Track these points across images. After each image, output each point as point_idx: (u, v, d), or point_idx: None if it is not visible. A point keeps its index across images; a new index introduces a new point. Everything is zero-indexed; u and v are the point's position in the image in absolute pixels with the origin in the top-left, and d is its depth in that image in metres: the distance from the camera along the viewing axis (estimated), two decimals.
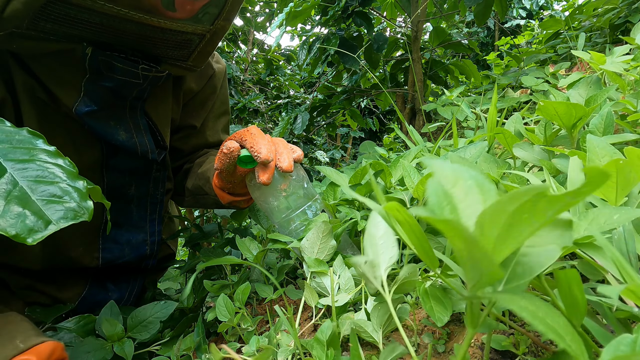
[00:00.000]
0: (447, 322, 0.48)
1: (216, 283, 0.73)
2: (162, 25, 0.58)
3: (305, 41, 1.90)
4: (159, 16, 0.57)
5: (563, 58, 1.30)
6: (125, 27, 0.58)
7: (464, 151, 0.58)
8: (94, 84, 0.64)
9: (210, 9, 0.61)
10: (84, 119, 0.65)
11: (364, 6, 1.65)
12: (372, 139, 3.38)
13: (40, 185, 0.34)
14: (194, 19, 0.61)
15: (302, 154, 0.63)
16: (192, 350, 0.62)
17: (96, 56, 0.60)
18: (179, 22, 0.60)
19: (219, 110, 0.92)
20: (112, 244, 0.81)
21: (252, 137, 0.60)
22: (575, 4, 1.77)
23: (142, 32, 0.59)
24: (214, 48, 0.69)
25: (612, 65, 0.72)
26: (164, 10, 0.57)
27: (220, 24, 0.64)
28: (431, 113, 1.50)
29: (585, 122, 0.58)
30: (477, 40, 4.08)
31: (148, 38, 0.61)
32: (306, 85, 3.86)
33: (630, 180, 0.39)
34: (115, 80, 0.63)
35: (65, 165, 0.37)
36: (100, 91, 0.65)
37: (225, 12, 0.63)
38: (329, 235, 0.56)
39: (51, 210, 0.33)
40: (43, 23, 0.55)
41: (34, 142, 0.38)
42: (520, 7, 4.14)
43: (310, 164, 3.52)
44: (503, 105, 0.99)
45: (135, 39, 0.61)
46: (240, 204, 0.75)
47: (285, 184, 0.60)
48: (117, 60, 0.61)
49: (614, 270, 0.29)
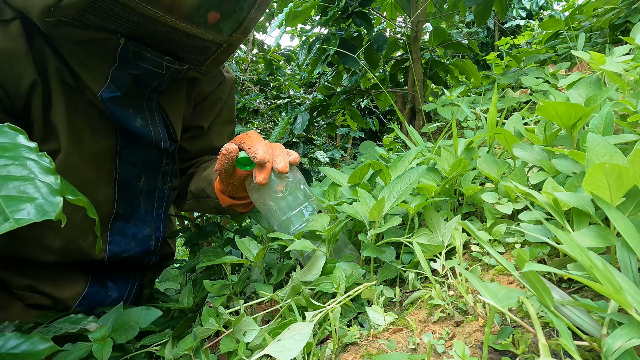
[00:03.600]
0: (446, 321, 0.48)
1: (216, 283, 0.73)
2: (187, 30, 0.66)
3: (305, 41, 1.90)
4: (187, 22, 0.64)
5: (563, 58, 1.30)
6: (157, 28, 0.65)
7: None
8: (121, 71, 0.70)
9: (231, 22, 0.69)
10: (107, 103, 0.71)
11: (364, 6, 1.65)
12: (372, 139, 3.38)
13: (10, 182, 0.32)
14: (215, 29, 0.68)
15: (298, 157, 0.67)
16: (192, 351, 0.62)
17: (128, 46, 0.66)
18: (202, 30, 0.67)
19: (225, 116, 0.97)
20: (119, 237, 0.84)
21: (250, 140, 0.66)
22: (575, 4, 1.77)
23: (170, 33, 0.66)
24: (228, 57, 0.76)
25: (612, 66, 0.72)
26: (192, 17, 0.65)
27: (236, 37, 0.72)
28: (431, 113, 1.50)
29: (585, 122, 0.58)
30: (477, 40, 4.08)
31: (173, 40, 0.68)
32: (306, 85, 3.86)
33: (623, 182, 0.39)
34: (141, 68, 0.70)
35: (41, 161, 0.35)
36: (125, 78, 0.71)
37: (243, 27, 0.70)
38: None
39: (12, 207, 0.31)
40: (88, 15, 0.61)
41: (15, 137, 0.36)
42: (520, 7, 4.13)
43: (310, 164, 3.52)
44: (503, 105, 0.99)
45: (162, 39, 0.68)
46: (239, 208, 0.79)
47: (282, 185, 0.64)
48: (146, 50, 0.68)
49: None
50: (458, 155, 0.71)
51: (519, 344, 0.39)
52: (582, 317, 0.36)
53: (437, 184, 0.66)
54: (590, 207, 0.44)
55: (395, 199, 0.57)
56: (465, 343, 0.42)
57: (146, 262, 0.91)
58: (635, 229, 0.37)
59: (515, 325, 0.43)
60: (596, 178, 0.40)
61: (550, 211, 0.46)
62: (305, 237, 0.62)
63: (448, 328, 0.46)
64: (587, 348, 0.36)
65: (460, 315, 0.48)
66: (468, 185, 0.64)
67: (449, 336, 0.45)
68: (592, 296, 0.43)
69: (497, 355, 0.41)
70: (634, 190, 0.41)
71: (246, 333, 0.55)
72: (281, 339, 0.44)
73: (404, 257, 0.62)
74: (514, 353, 0.40)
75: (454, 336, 0.45)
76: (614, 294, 0.32)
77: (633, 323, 0.32)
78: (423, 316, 0.50)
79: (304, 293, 0.59)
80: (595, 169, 0.39)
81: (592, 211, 0.43)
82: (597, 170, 0.39)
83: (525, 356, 0.38)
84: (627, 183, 0.39)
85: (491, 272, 0.54)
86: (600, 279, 0.33)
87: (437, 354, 0.43)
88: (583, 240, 0.42)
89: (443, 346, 0.44)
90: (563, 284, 0.47)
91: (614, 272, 0.34)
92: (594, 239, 0.41)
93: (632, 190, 0.41)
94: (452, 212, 0.67)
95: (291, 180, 0.65)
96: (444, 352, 0.43)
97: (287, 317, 0.55)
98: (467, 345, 0.41)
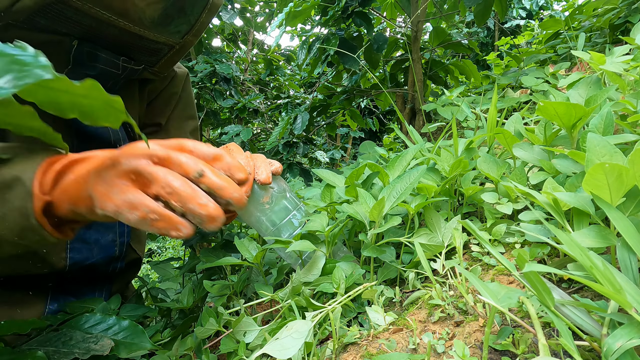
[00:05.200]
0: (446, 321, 0.48)
1: (216, 283, 0.73)
2: (140, 33, 0.66)
3: (305, 41, 1.90)
4: (139, 25, 0.65)
5: (563, 58, 1.30)
6: (110, 31, 0.65)
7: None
8: (76, 73, 0.68)
9: (183, 25, 0.71)
10: None
11: (364, 6, 1.65)
12: (372, 139, 3.37)
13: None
14: (167, 32, 0.69)
15: (281, 167, 0.67)
16: (193, 351, 0.62)
17: (82, 48, 0.66)
18: (154, 33, 0.68)
19: (183, 112, 0.96)
20: (80, 244, 0.79)
21: (230, 153, 0.65)
22: (575, 4, 1.77)
23: (122, 36, 0.66)
24: (180, 58, 0.77)
25: (612, 66, 0.71)
26: (144, 20, 0.66)
27: (188, 39, 0.73)
28: (431, 113, 1.50)
29: (585, 123, 0.58)
30: (477, 40, 4.08)
31: (125, 41, 0.68)
32: (306, 85, 3.85)
33: (624, 182, 0.39)
34: (97, 69, 0.69)
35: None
36: (80, 80, 0.68)
37: (195, 30, 0.72)
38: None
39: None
40: (39, 19, 0.60)
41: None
42: (520, 7, 4.13)
43: (311, 164, 3.52)
44: (503, 106, 0.99)
45: (115, 41, 0.68)
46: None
47: (267, 196, 0.64)
48: (101, 50, 0.67)
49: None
50: (458, 155, 0.71)
51: (519, 344, 0.39)
52: (582, 317, 0.36)
53: (437, 184, 0.66)
54: (590, 207, 0.44)
55: (395, 199, 0.57)
56: (465, 343, 0.42)
57: (112, 269, 0.87)
58: (635, 229, 0.37)
59: (515, 325, 0.43)
60: (596, 178, 0.40)
61: (550, 211, 0.46)
62: (305, 238, 0.62)
63: (448, 328, 0.46)
64: (587, 348, 0.36)
65: (460, 315, 0.48)
66: (468, 185, 0.63)
67: (449, 336, 0.45)
68: (592, 296, 0.43)
69: (497, 355, 0.41)
70: (634, 190, 0.41)
71: (246, 333, 0.55)
72: (279, 337, 0.44)
73: (404, 257, 0.62)
74: (514, 353, 0.40)
75: (454, 336, 0.45)
76: (614, 294, 0.32)
77: (633, 323, 0.32)
78: (423, 316, 0.50)
79: (304, 293, 0.59)
80: (595, 169, 0.39)
81: (592, 211, 0.43)
82: (597, 170, 0.39)
83: (525, 356, 0.38)
84: (627, 183, 0.39)
85: (491, 272, 0.54)
86: (601, 279, 0.33)
87: (437, 354, 0.43)
88: (583, 240, 0.42)
89: (443, 346, 0.44)
90: (563, 284, 0.47)
91: (614, 272, 0.34)
92: (594, 239, 0.41)
93: (632, 190, 0.41)
94: (452, 212, 0.67)
95: (276, 191, 0.65)
96: (444, 352, 0.43)
97: (287, 318, 0.55)
98: (467, 345, 0.41)
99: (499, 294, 0.37)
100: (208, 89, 2.95)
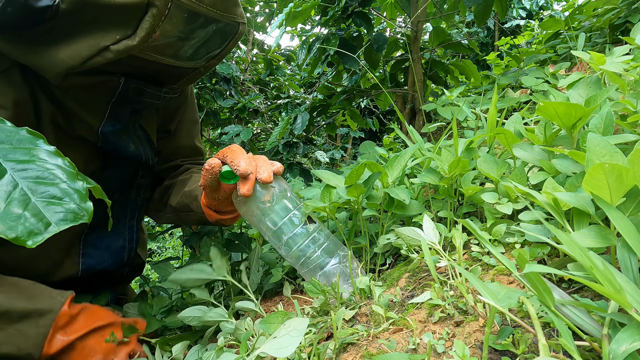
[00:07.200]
0: (446, 321, 0.48)
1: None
2: (177, 65, 0.73)
3: (305, 41, 1.90)
4: (180, 60, 0.72)
5: (563, 58, 1.30)
6: (154, 67, 0.72)
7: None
8: (121, 106, 0.74)
9: (211, 53, 0.76)
10: (108, 137, 0.76)
11: (364, 6, 1.65)
12: (372, 139, 3.37)
13: (40, 186, 0.34)
14: (195, 61, 0.75)
15: (282, 167, 0.70)
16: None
17: (128, 84, 0.71)
18: (188, 63, 0.74)
19: (190, 116, 1.00)
20: (92, 249, 0.83)
21: (233, 153, 0.68)
22: (575, 4, 1.77)
23: (161, 69, 0.73)
24: (199, 77, 0.82)
25: (612, 66, 0.71)
26: (184, 57, 0.72)
27: (212, 62, 0.78)
28: (431, 113, 1.50)
29: (585, 123, 0.58)
30: (477, 40, 4.08)
31: (162, 72, 0.76)
32: (306, 85, 3.85)
33: (624, 182, 0.39)
34: (142, 102, 0.76)
35: (64, 165, 0.37)
36: (125, 112, 0.77)
37: (220, 56, 0.77)
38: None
39: (51, 212, 0.33)
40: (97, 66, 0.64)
41: (35, 142, 0.38)
42: (520, 7, 4.13)
43: (311, 164, 3.52)
44: (503, 106, 0.98)
45: (154, 73, 0.75)
46: (226, 222, 0.81)
47: (268, 195, 0.66)
48: (147, 86, 0.74)
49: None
50: (458, 155, 0.71)
51: (519, 344, 0.39)
52: (582, 317, 0.36)
53: (438, 184, 0.66)
54: (590, 207, 0.44)
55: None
56: (465, 343, 0.42)
57: (119, 274, 0.90)
58: (635, 229, 0.37)
59: (515, 325, 0.43)
60: (596, 178, 0.40)
61: (550, 211, 0.46)
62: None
63: (448, 328, 0.46)
64: (588, 348, 0.36)
65: (461, 315, 0.48)
66: (468, 185, 0.63)
67: (449, 336, 0.45)
68: (592, 296, 0.43)
69: (497, 355, 0.41)
70: (634, 190, 0.41)
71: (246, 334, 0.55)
72: (277, 335, 0.44)
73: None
74: (514, 353, 0.40)
75: (454, 336, 0.45)
76: (614, 294, 0.32)
77: (634, 325, 0.32)
78: (423, 316, 0.50)
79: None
80: (595, 169, 0.39)
81: (592, 211, 0.43)
82: (597, 170, 0.39)
83: (525, 356, 0.38)
84: (627, 183, 0.39)
85: (491, 272, 0.54)
86: (601, 279, 0.32)
87: (437, 354, 0.43)
88: (583, 240, 0.41)
89: (443, 346, 0.44)
90: (563, 284, 0.47)
91: (614, 272, 0.34)
92: (594, 239, 0.41)
93: (632, 190, 0.41)
94: (452, 212, 0.67)
95: (277, 190, 0.67)
96: (444, 352, 0.43)
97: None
98: (467, 345, 0.41)
99: (499, 294, 0.37)
100: (208, 89, 2.95)
